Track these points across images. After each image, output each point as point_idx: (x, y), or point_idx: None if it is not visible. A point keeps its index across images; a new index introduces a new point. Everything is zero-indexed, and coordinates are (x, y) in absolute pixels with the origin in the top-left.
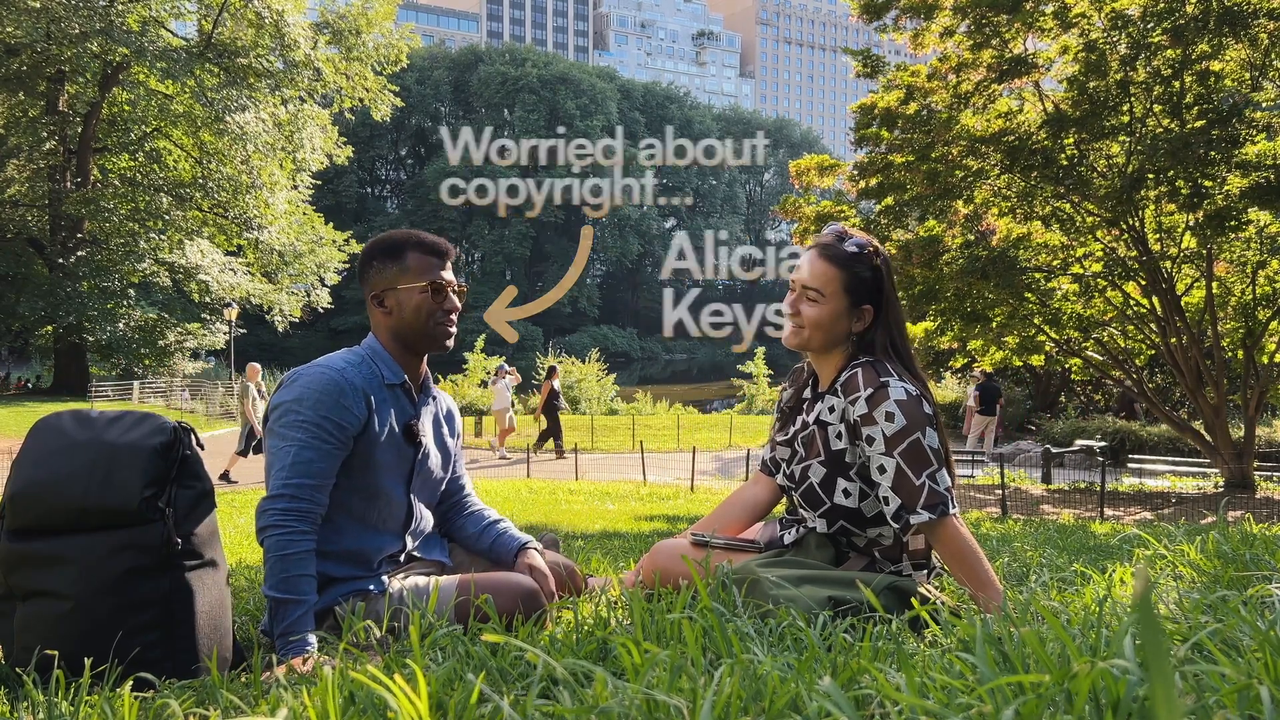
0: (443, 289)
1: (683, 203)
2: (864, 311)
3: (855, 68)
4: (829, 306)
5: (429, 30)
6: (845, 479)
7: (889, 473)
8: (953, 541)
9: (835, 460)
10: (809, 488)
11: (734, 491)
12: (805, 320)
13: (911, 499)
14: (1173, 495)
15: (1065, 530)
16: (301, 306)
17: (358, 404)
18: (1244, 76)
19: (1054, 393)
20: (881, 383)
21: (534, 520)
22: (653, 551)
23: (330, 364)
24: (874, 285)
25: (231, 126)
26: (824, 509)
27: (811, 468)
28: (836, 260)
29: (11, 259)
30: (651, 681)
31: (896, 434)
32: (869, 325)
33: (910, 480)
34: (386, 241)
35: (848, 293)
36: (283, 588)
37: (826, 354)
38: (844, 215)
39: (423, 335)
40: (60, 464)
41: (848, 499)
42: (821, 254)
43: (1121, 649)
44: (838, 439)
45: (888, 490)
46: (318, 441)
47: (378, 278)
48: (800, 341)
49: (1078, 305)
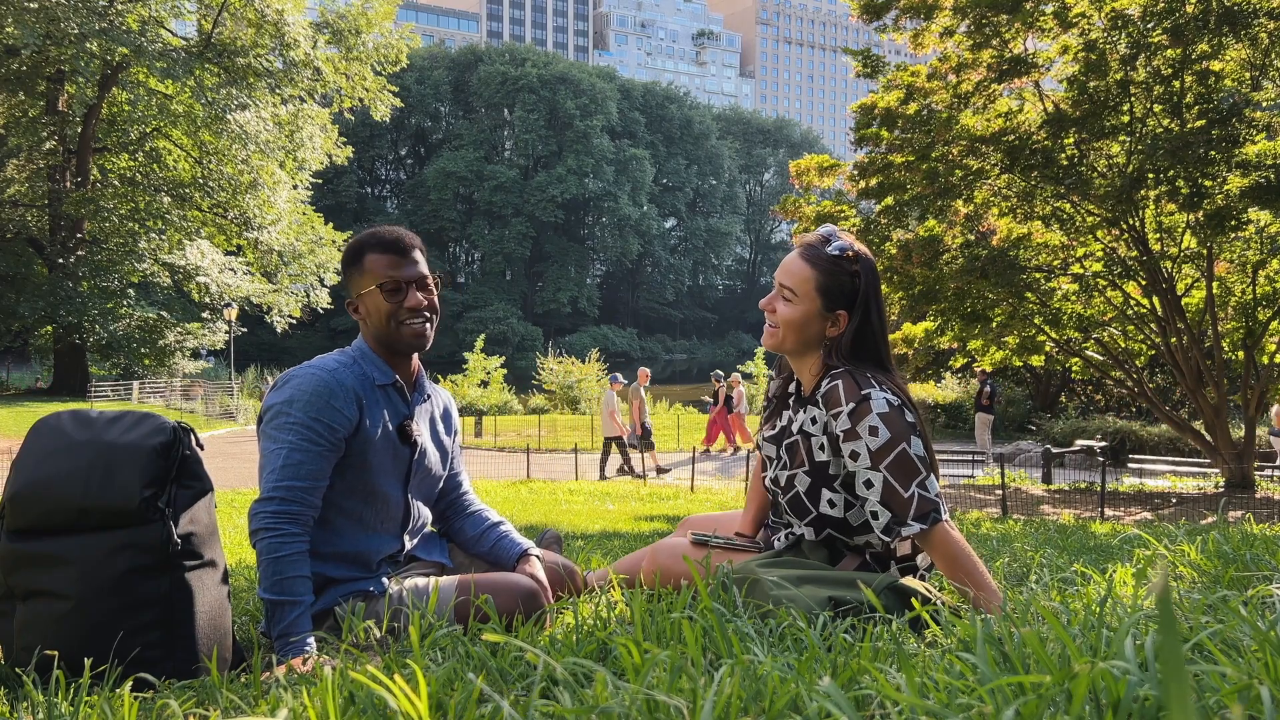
0: (399, 287)
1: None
2: (838, 317)
3: (855, 68)
4: (801, 307)
5: (429, 30)
6: (830, 490)
7: (876, 487)
8: (946, 546)
9: (819, 471)
10: (795, 496)
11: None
12: (779, 319)
13: (903, 511)
14: (1173, 495)
15: (1065, 530)
16: (301, 306)
17: (348, 405)
18: (1244, 76)
19: (1054, 393)
20: (863, 395)
21: (534, 520)
22: (653, 550)
23: (322, 365)
24: (852, 291)
25: (231, 126)
26: (810, 518)
27: (797, 477)
28: (815, 261)
29: (11, 259)
30: (652, 682)
31: (881, 448)
32: (842, 331)
33: (899, 493)
34: (349, 248)
35: (821, 294)
36: (277, 590)
37: (802, 357)
38: (844, 215)
39: (391, 337)
40: (60, 464)
41: (833, 509)
42: (802, 254)
43: (1122, 649)
44: (820, 450)
45: (876, 505)
46: (308, 444)
47: (349, 285)
48: (775, 342)
49: (1078, 305)
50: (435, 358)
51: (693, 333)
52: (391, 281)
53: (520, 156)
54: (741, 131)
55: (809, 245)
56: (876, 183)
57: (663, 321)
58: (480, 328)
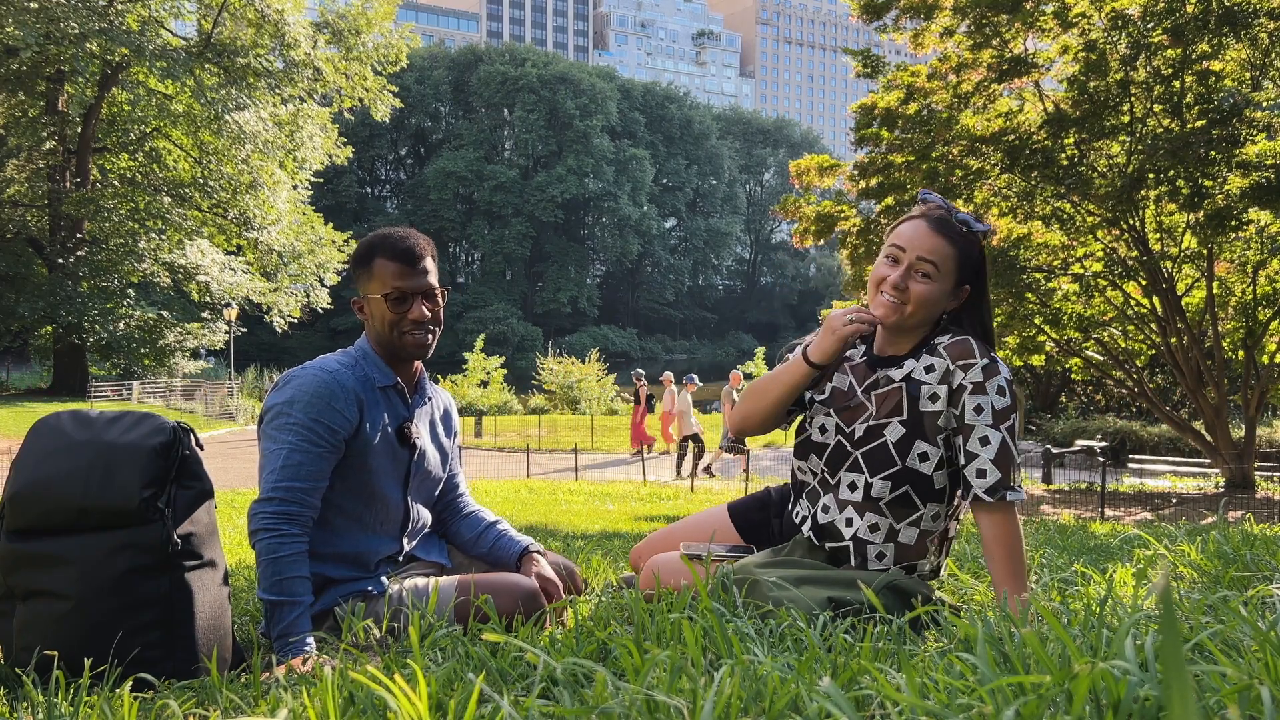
0: (406, 298)
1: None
2: (962, 291)
3: (855, 68)
4: (941, 285)
5: (429, 30)
6: (927, 442)
7: (993, 445)
8: (1015, 525)
9: (918, 421)
10: (879, 447)
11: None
12: (912, 296)
13: (1008, 475)
14: (1173, 495)
15: (1065, 530)
16: (301, 306)
17: (349, 407)
18: (1244, 76)
19: (1054, 393)
20: (992, 358)
21: (534, 520)
22: (649, 564)
23: (323, 366)
24: (977, 263)
25: (231, 126)
26: (893, 470)
27: (889, 426)
28: (953, 237)
29: (11, 259)
30: (652, 682)
31: (1005, 409)
32: (963, 304)
33: (1012, 457)
34: (361, 246)
35: (959, 270)
36: (276, 590)
37: (911, 331)
38: (844, 215)
39: (392, 344)
40: (60, 464)
41: (924, 463)
42: (935, 227)
43: (1122, 649)
44: (931, 400)
45: (987, 463)
46: (308, 444)
47: (358, 283)
48: (899, 318)
49: (1078, 305)
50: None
51: (693, 333)
52: (398, 292)
53: (520, 156)
54: (741, 131)
55: (938, 218)
56: (876, 183)
57: (663, 321)
58: (480, 328)
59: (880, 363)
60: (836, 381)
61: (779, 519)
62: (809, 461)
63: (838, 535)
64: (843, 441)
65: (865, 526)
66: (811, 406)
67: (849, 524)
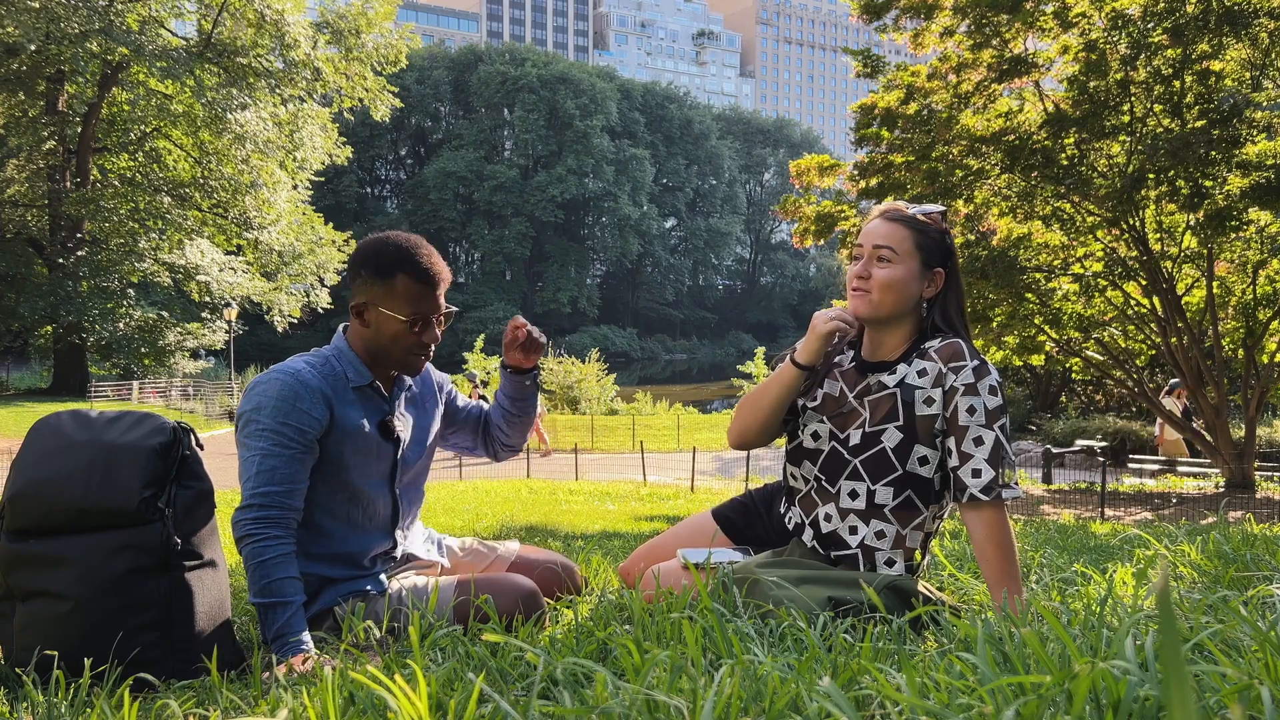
0: (428, 324)
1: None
2: (936, 275)
3: (855, 68)
4: (902, 266)
5: (429, 30)
6: (926, 446)
7: (987, 445)
8: (1006, 524)
9: (914, 426)
10: (879, 453)
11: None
12: (875, 283)
13: (1003, 473)
14: (1173, 495)
15: (1066, 530)
16: (301, 306)
17: (315, 406)
18: (1244, 76)
19: (1054, 393)
20: (982, 360)
21: (534, 520)
22: (651, 571)
23: (286, 369)
24: (944, 250)
25: (231, 126)
26: (894, 476)
27: (886, 432)
28: (906, 222)
29: (11, 259)
30: (652, 682)
31: (996, 409)
32: (939, 291)
33: (1005, 455)
34: (380, 254)
35: (920, 251)
36: (265, 593)
37: (892, 325)
38: (844, 215)
39: (392, 361)
40: (60, 464)
41: (923, 467)
42: (889, 218)
43: (1122, 649)
44: (926, 404)
45: (982, 463)
46: (279, 448)
47: (364, 289)
48: (871, 308)
49: (1078, 305)
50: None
51: (693, 333)
52: (420, 317)
53: (520, 156)
54: (741, 131)
55: (893, 211)
56: (876, 183)
57: (663, 321)
58: (480, 328)
59: (870, 368)
60: (827, 388)
61: (764, 521)
62: (802, 468)
63: (843, 544)
64: (838, 448)
65: (871, 534)
66: (804, 413)
67: (853, 532)
